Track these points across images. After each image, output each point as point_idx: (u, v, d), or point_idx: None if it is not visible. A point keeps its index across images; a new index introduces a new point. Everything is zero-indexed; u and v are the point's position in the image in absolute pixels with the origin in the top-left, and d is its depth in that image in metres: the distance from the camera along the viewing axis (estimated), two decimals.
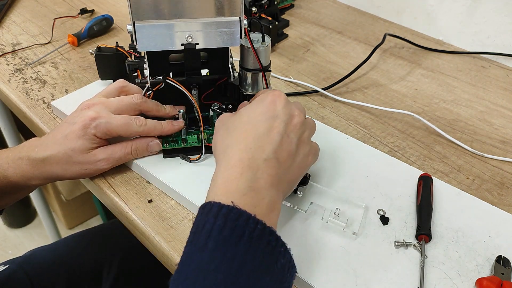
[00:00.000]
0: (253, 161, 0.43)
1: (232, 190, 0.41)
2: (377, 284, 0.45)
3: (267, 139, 0.44)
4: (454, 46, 0.88)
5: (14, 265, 0.72)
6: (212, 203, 0.39)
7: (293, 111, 0.48)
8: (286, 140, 0.45)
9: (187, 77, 0.57)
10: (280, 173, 0.44)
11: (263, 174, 0.42)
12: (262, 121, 0.46)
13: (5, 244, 1.59)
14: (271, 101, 0.47)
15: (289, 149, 0.45)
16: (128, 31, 0.52)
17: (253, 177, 0.42)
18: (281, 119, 0.46)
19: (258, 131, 0.45)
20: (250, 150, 0.44)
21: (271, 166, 0.43)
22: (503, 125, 0.69)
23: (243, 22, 0.53)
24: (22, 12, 0.96)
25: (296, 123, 0.47)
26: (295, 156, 0.46)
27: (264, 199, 0.41)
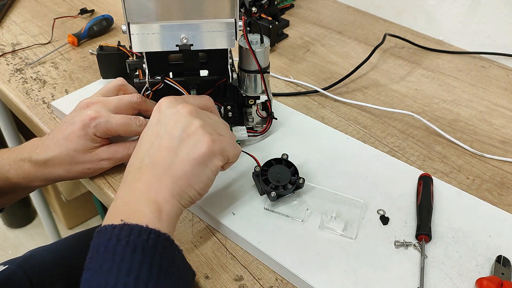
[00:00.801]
0: (129, 174, 0.44)
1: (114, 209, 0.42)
2: (377, 284, 0.45)
3: (146, 146, 0.45)
4: (454, 46, 0.87)
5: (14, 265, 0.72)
6: (106, 226, 0.40)
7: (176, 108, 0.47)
8: (167, 139, 0.45)
9: (186, 77, 0.57)
10: (158, 174, 0.43)
11: (137, 184, 0.43)
12: (148, 131, 0.47)
13: (5, 244, 1.59)
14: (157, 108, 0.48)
15: (168, 146, 0.44)
16: (123, 32, 0.52)
17: (128, 191, 0.43)
18: (162, 122, 0.46)
19: (141, 143, 0.46)
20: (130, 165, 0.45)
21: (145, 171, 0.43)
22: (503, 125, 0.69)
23: (238, 24, 0.53)
24: (22, 12, 0.96)
25: (179, 117, 0.46)
26: (178, 150, 0.44)
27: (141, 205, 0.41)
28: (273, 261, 0.47)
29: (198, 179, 0.45)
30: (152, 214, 0.41)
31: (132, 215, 0.40)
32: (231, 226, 0.50)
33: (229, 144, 0.47)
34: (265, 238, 0.49)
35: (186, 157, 0.44)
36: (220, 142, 0.46)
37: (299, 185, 0.52)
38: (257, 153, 0.57)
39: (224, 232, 0.51)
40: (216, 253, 0.50)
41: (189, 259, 0.49)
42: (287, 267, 0.46)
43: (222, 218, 0.51)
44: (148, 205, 0.41)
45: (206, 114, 0.49)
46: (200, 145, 0.44)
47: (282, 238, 0.49)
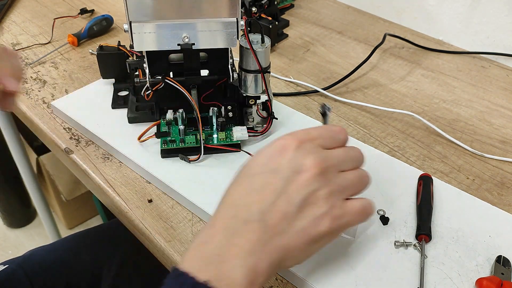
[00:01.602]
0: (233, 222, 0.37)
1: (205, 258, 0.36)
2: (377, 284, 0.45)
3: (257, 197, 0.38)
4: (454, 46, 0.88)
5: (14, 265, 0.72)
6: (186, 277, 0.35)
7: (303, 164, 0.38)
8: (284, 201, 0.37)
9: (186, 77, 0.57)
10: (266, 239, 0.37)
11: (239, 239, 0.36)
12: (259, 174, 0.39)
13: (5, 244, 1.59)
14: (279, 149, 0.39)
15: (284, 210, 0.37)
16: (124, 31, 0.52)
17: (225, 242, 0.36)
18: (282, 174, 0.38)
19: (251, 186, 0.39)
20: (234, 208, 0.38)
21: (252, 230, 0.37)
22: (503, 125, 0.69)
23: (240, 23, 0.53)
24: (22, 12, 0.96)
25: (303, 180, 0.38)
26: (294, 220, 0.37)
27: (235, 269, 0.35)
28: None
29: (304, 255, 0.40)
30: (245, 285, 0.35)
31: (222, 277, 0.35)
32: None
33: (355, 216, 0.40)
34: None
35: (301, 232, 0.38)
36: (343, 218, 0.39)
37: None
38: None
39: None
40: None
41: None
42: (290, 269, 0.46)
43: None
44: (245, 273, 0.35)
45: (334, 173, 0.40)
46: (319, 224, 0.38)
47: None
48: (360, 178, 0.42)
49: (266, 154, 0.40)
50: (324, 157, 0.39)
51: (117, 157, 0.61)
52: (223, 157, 0.59)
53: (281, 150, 0.39)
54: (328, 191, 0.39)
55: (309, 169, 0.38)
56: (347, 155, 0.41)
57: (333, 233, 0.40)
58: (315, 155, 0.39)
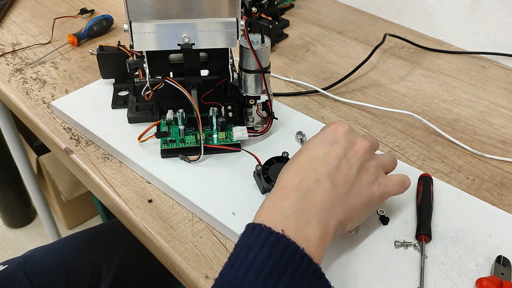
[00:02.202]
0: (304, 181, 0.41)
1: (280, 212, 0.39)
2: (377, 284, 0.45)
3: (322, 162, 0.43)
4: (454, 46, 0.88)
5: (13, 265, 0.72)
6: (263, 227, 0.38)
7: (355, 138, 0.46)
8: (345, 164, 0.43)
9: (186, 77, 0.57)
10: (334, 197, 0.41)
11: (312, 197, 0.40)
12: (320, 146, 0.45)
13: (5, 244, 1.59)
14: (333, 129, 0.46)
15: (347, 173, 0.43)
16: (124, 31, 0.52)
17: (300, 200, 0.40)
18: (340, 144, 0.45)
19: (314, 154, 0.44)
20: (302, 171, 0.42)
21: (324, 188, 0.41)
22: (503, 125, 0.69)
23: (240, 23, 0.53)
24: (22, 12, 0.96)
25: (359, 149, 0.45)
26: (354, 182, 0.43)
27: (311, 223, 0.39)
28: None
29: (360, 215, 0.45)
30: (317, 238, 0.39)
31: (297, 230, 0.38)
32: (231, 226, 0.50)
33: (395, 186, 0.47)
34: None
35: (359, 192, 0.43)
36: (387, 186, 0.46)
37: None
38: (257, 153, 0.57)
39: (224, 232, 0.51)
40: (216, 253, 0.50)
41: (189, 259, 0.49)
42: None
43: (222, 218, 0.51)
44: (318, 228, 0.39)
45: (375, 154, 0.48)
46: (372, 187, 0.45)
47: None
48: (391, 160, 0.50)
49: (323, 132, 0.47)
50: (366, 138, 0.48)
51: (117, 157, 0.61)
52: (223, 157, 0.59)
53: (335, 128, 0.46)
54: (376, 164, 0.46)
55: (362, 141, 0.46)
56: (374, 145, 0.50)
57: (381, 198, 0.46)
58: (361, 136, 0.48)
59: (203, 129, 0.60)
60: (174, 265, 0.50)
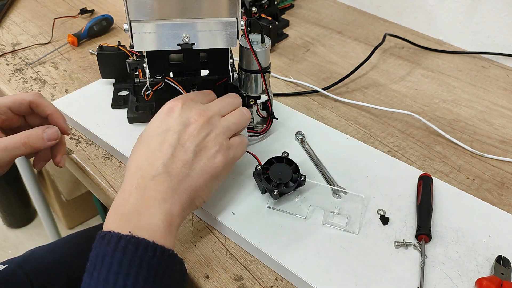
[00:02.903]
0: (142, 180, 0.43)
1: (124, 216, 0.41)
2: (377, 284, 0.45)
3: (158, 154, 0.44)
4: (454, 46, 0.88)
5: (14, 264, 0.72)
6: (111, 234, 0.39)
7: (189, 117, 0.47)
8: (181, 151, 0.45)
9: (186, 77, 0.57)
10: (173, 185, 0.43)
11: (151, 192, 0.42)
12: (155, 136, 0.46)
13: (5, 244, 1.59)
14: (167, 111, 0.47)
15: (183, 158, 0.45)
16: (124, 31, 0.52)
17: (140, 198, 0.42)
18: (173, 130, 0.46)
19: (149, 148, 0.45)
20: (140, 170, 0.44)
21: (161, 181, 0.43)
22: (503, 125, 0.69)
23: (240, 23, 0.53)
24: (22, 12, 0.96)
25: (193, 130, 0.46)
26: (192, 164, 0.45)
27: (154, 217, 0.41)
28: (273, 261, 0.47)
29: (208, 190, 0.47)
30: (164, 228, 0.41)
31: (143, 227, 0.40)
32: (231, 226, 0.50)
33: (238, 148, 0.49)
34: (265, 237, 0.49)
35: (200, 171, 0.45)
36: (231, 150, 0.48)
37: (301, 183, 0.52)
38: (257, 153, 0.57)
39: (224, 232, 0.51)
40: (216, 253, 0.50)
41: (189, 259, 0.49)
42: (287, 267, 0.46)
43: (222, 218, 0.51)
44: (162, 219, 0.41)
45: (216, 118, 0.48)
46: (214, 161, 0.46)
47: (282, 237, 0.49)
48: (240, 116, 0.51)
49: (157, 119, 0.47)
50: (205, 108, 0.48)
51: (117, 157, 0.61)
52: None
53: (168, 112, 0.47)
54: (215, 134, 0.47)
55: (195, 120, 0.46)
56: (224, 102, 0.51)
57: (226, 166, 0.48)
58: (197, 108, 0.48)
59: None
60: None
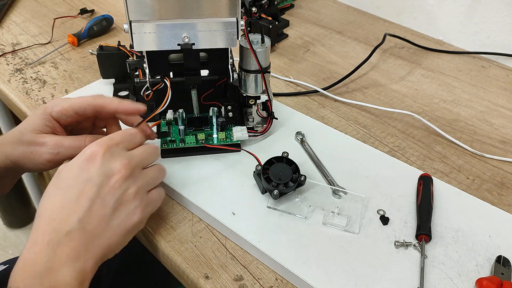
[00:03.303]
0: (55, 235, 0.40)
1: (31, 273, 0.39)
2: (377, 284, 0.45)
3: (74, 207, 0.41)
4: (454, 46, 0.87)
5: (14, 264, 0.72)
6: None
7: (112, 168, 0.43)
8: (99, 205, 0.42)
9: (186, 77, 0.57)
10: (87, 242, 0.41)
11: (64, 249, 0.40)
12: (73, 186, 0.42)
13: (5, 244, 1.59)
14: (88, 158, 0.43)
15: (101, 214, 0.42)
16: (124, 31, 0.52)
17: (52, 255, 0.39)
18: (94, 181, 0.42)
19: (66, 199, 0.42)
20: (53, 221, 0.41)
21: (74, 238, 0.40)
22: (503, 125, 0.69)
23: (240, 23, 0.53)
24: (22, 12, 0.96)
25: (115, 183, 0.43)
26: (110, 220, 0.42)
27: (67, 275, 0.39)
28: (273, 261, 0.47)
29: (122, 245, 0.45)
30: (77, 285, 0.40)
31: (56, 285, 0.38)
32: (231, 226, 0.50)
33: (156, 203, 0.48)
34: (265, 237, 0.49)
35: (117, 227, 0.43)
36: (150, 206, 0.47)
37: (301, 183, 0.52)
38: (257, 153, 0.57)
39: (224, 232, 0.51)
40: (216, 253, 0.50)
41: (189, 259, 0.49)
42: (287, 267, 0.46)
43: (222, 218, 0.51)
44: (75, 277, 0.39)
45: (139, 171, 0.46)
46: (133, 217, 0.44)
47: (282, 237, 0.49)
48: (159, 172, 0.48)
49: (76, 165, 0.43)
50: (129, 158, 0.45)
51: None
52: (223, 157, 0.59)
53: (89, 158, 0.43)
54: (136, 188, 0.44)
55: (119, 171, 0.43)
56: (146, 152, 0.47)
57: (143, 220, 0.46)
58: (121, 157, 0.44)
59: (203, 129, 0.60)
60: (174, 265, 0.50)
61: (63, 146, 0.50)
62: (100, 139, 0.45)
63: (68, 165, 0.44)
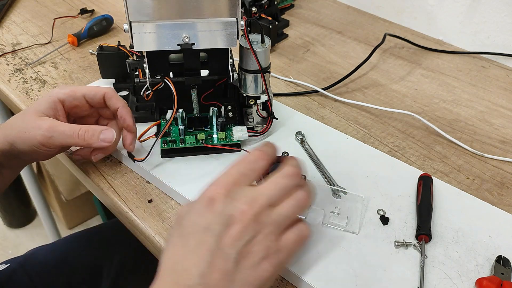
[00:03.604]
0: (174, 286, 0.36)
1: None
2: (377, 284, 0.45)
3: (194, 260, 0.37)
4: (454, 46, 0.88)
5: (15, 264, 0.73)
6: None
7: (233, 214, 0.37)
8: (220, 258, 0.36)
9: (186, 77, 0.57)
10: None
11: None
12: (193, 234, 0.38)
13: (5, 244, 1.59)
14: (207, 203, 0.38)
15: (223, 268, 0.36)
16: (124, 31, 0.52)
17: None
18: (213, 231, 0.37)
19: (186, 248, 0.37)
20: (174, 274, 0.37)
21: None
22: (503, 125, 0.69)
23: (240, 23, 0.53)
24: (22, 12, 0.96)
25: (235, 233, 0.37)
26: (233, 275, 0.36)
27: None
28: None
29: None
30: None
31: None
32: None
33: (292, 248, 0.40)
34: None
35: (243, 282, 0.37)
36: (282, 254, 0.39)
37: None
38: None
39: None
40: None
41: None
42: (287, 267, 0.46)
43: None
44: None
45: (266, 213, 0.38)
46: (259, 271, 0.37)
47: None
48: (296, 204, 0.40)
49: (196, 210, 0.39)
50: (252, 199, 0.38)
51: (117, 157, 0.61)
52: (223, 157, 0.59)
53: (208, 203, 0.38)
54: (262, 236, 0.38)
55: (240, 219, 0.37)
56: (276, 186, 0.40)
57: (276, 272, 0.39)
58: (242, 200, 0.38)
59: (203, 129, 0.60)
60: None
61: (57, 131, 0.50)
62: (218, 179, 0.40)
63: (188, 210, 0.39)
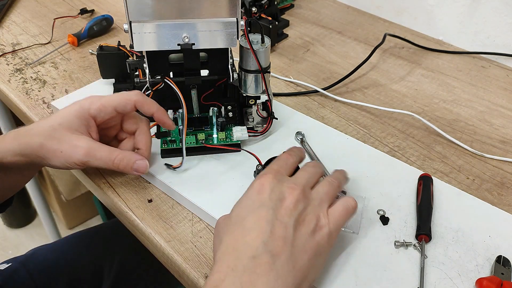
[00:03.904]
0: (239, 261, 0.37)
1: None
2: (377, 284, 0.45)
3: (255, 232, 0.39)
4: (454, 46, 0.88)
5: (16, 263, 0.73)
6: None
7: (283, 192, 0.42)
8: (279, 226, 0.39)
9: (186, 77, 0.57)
10: (277, 267, 0.37)
11: (251, 276, 0.36)
12: (249, 215, 0.41)
13: (5, 244, 1.59)
14: (257, 189, 0.43)
15: (284, 235, 0.39)
16: (124, 31, 0.52)
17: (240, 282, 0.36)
18: (268, 206, 0.41)
19: (245, 227, 0.40)
20: (236, 250, 0.38)
21: (261, 263, 0.37)
22: (503, 125, 0.69)
23: (240, 23, 0.53)
24: (22, 12, 0.96)
25: (289, 204, 0.41)
26: (293, 241, 0.39)
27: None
28: None
29: (314, 270, 0.41)
30: None
31: None
32: None
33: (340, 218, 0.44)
34: None
35: (302, 249, 0.40)
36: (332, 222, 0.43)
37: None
38: (257, 153, 0.57)
39: None
40: None
41: (189, 259, 0.49)
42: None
43: None
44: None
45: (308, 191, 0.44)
46: (315, 236, 0.41)
47: None
48: (330, 186, 0.46)
49: (248, 198, 0.43)
50: (295, 181, 0.44)
51: None
52: (223, 157, 0.59)
53: (259, 189, 0.43)
54: (312, 207, 0.43)
55: (290, 194, 0.42)
56: (308, 172, 0.46)
57: (329, 241, 0.42)
58: (287, 182, 0.44)
59: (203, 129, 0.60)
60: (174, 265, 0.50)
61: (94, 157, 0.50)
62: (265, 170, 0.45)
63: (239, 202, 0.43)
